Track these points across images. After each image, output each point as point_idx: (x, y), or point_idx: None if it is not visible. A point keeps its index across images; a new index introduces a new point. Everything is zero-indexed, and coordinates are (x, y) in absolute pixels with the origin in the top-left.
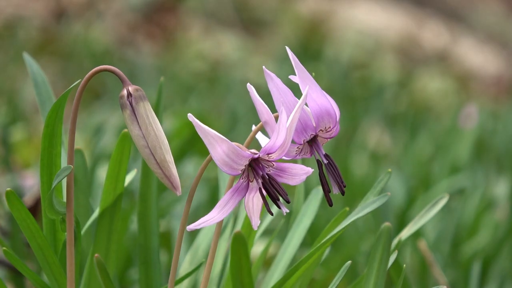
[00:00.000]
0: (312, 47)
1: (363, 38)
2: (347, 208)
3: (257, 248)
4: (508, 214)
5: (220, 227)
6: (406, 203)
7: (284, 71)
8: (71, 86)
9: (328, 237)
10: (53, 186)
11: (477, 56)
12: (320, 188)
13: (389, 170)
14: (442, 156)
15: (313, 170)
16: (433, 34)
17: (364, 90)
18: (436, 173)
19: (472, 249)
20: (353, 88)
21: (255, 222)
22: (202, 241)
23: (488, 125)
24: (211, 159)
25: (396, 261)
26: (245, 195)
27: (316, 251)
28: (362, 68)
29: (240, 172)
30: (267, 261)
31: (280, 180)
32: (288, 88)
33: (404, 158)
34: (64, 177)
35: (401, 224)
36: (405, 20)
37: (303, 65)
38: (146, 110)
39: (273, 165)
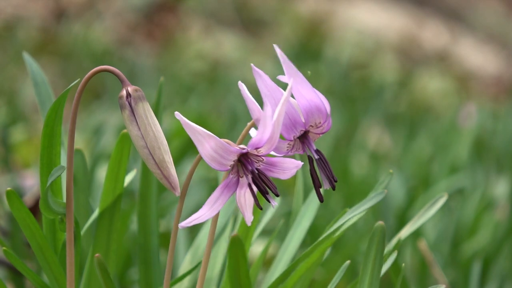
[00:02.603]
0: (312, 47)
1: (363, 38)
2: (347, 209)
3: (256, 249)
4: (508, 214)
5: (215, 228)
6: (406, 203)
7: (284, 70)
8: (71, 85)
9: (326, 234)
10: (47, 185)
11: (477, 56)
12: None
13: (391, 171)
14: (442, 156)
15: (303, 163)
16: (433, 34)
17: (364, 90)
18: (435, 172)
19: (472, 249)
20: (353, 88)
21: (248, 217)
22: (203, 240)
23: (487, 125)
24: (201, 157)
25: (395, 261)
26: (235, 191)
27: (315, 249)
28: (362, 68)
29: (229, 167)
30: (267, 262)
31: (271, 174)
32: (276, 85)
33: (403, 158)
34: (57, 177)
35: (401, 224)
36: (405, 20)
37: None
38: (145, 110)
39: (263, 159)
